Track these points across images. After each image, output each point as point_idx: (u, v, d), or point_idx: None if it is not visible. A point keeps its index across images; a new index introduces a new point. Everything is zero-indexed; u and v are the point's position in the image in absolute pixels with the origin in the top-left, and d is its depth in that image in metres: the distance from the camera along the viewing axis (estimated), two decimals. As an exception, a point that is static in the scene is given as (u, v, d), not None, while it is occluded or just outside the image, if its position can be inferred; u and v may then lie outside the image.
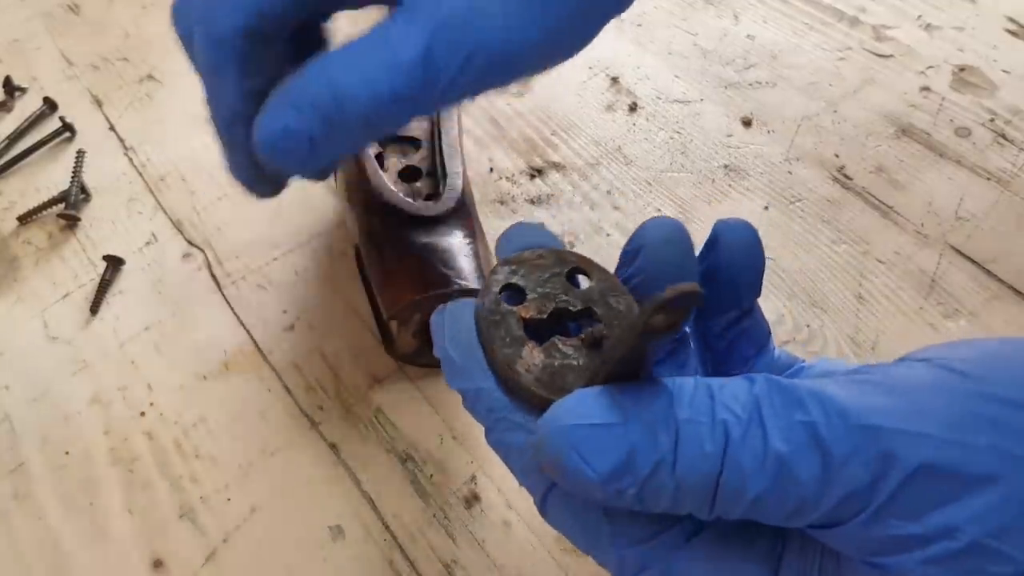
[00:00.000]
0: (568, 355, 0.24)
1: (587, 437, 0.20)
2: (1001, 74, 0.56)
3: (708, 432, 0.20)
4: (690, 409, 0.20)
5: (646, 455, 0.20)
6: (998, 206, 0.49)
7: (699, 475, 0.20)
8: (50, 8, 0.63)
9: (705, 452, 0.20)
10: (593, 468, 0.20)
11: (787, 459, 0.19)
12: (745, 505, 0.20)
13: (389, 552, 0.37)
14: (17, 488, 0.40)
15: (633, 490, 0.20)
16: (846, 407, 0.19)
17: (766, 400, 0.20)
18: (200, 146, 0.54)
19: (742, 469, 0.19)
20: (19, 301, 0.47)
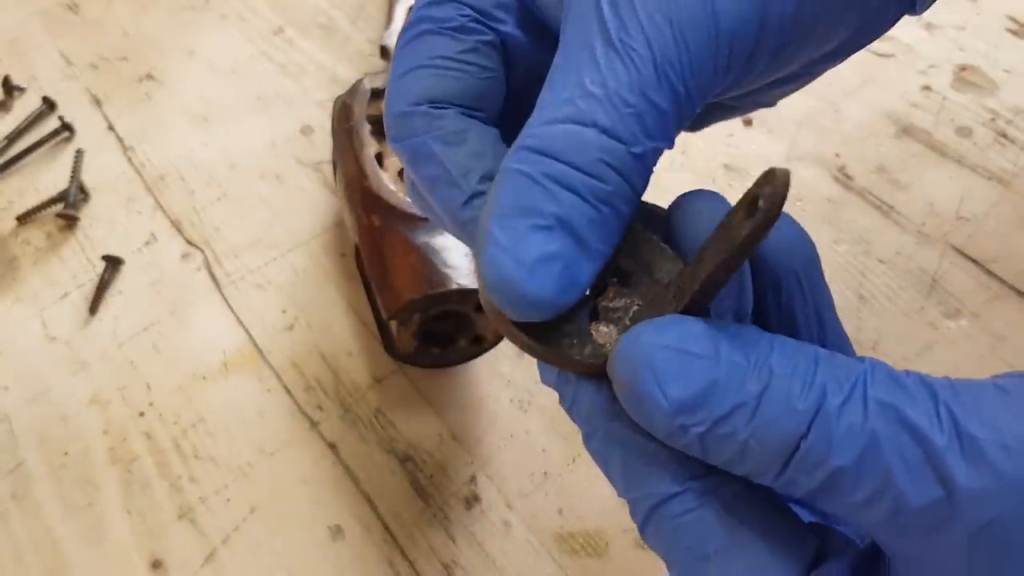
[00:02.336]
0: (630, 305, 0.22)
1: (668, 361, 0.19)
2: (1002, 73, 0.56)
3: (802, 389, 0.18)
4: (789, 364, 0.18)
5: (727, 394, 0.18)
6: (999, 206, 0.49)
7: (780, 431, 0.18)
8: (49, 7, 0.63)
9: (795, 408, 0.18)
10: (667, 395, 0.18)
11: (883, 443, 0.17)
12: (823, 477, 0.18)
13: (389, 552, 0.37)
14: (16, 488, 0.40)
15: (700, 428, 0.18)
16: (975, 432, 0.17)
17: (873, 380, 0.18)
18: (199, 146, 0.54)
19: (831, 439, 0.17)
20: (18, 301, 0.47)
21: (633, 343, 0.19)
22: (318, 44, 0.60)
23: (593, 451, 0.22)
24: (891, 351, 0.43)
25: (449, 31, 0.23)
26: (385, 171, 0.43)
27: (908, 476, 0.17)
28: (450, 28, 0.23)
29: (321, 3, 0.63)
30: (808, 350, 0.19)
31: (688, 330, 0.19)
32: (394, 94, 0.24)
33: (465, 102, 0.23)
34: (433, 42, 0.23)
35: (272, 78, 0.58)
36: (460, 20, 0.23)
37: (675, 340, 0.19)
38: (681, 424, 0.19)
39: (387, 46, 0.51)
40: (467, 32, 0.24)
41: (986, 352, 0.43)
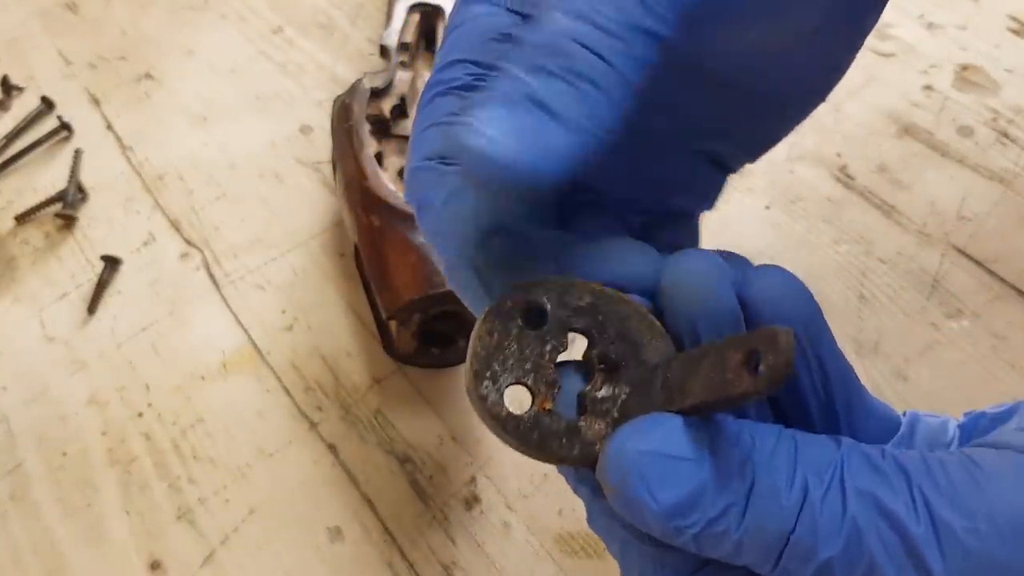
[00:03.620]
0: (618, 395, 0.22)
1: (656, 466, 0.19)
2: (1003, 73, 0.56)
3: (786, 484, 0.19)
4: (771, 459, 0.19)
5: (716, 497, 0.19)
6: (1000, 206, 0.49)
7: (770, 528, 0.19)
8: (48, 7, 0.63)
9: (781, 505, 0.19)
10: (657, 500, 0.19)
11: (864, 531, 0.18)
12: (814, 567, 0.19)
13: (388, 554, 0.37)
14: (14, 489, 0.39)
15: (694, 530, 0.19)
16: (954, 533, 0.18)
17: (849, 467, 0.19)
18: (198, 145, 0.54)
19: (816, 531, 0.18)
20: (16, 301, 0.46)
21: (619, 451, 0.20)
22: (317, 44, 0.60)
23: (596, 530, 0.23)
24: (892, 351, 0.43)
25: (455, 91, 0.24)
26: (385, 171, 0.43)
27: (891, 565, 0.18)
28: (455, 88, 0.24)
29: (320, 2, 0.63)
30: (786, 440, 0.20)
31: (671, 432, 0.20)
32: (410, 152, 0.25)
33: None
34: (442, 103, 0.24)
35: (271, 78, 0.58)
36: (464, 79, 0.24)
37: (659, 444, 0.19)
38: (675, 526, 0.19)
39: (387, 46, 0.51)
40: (471, 90, 0.24)
41: (987, 352, 0.43)
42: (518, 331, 0.23)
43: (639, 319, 0.23)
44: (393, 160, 0.45)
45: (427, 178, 0.24)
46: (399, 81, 0.48)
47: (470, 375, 0.22)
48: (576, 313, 0.23)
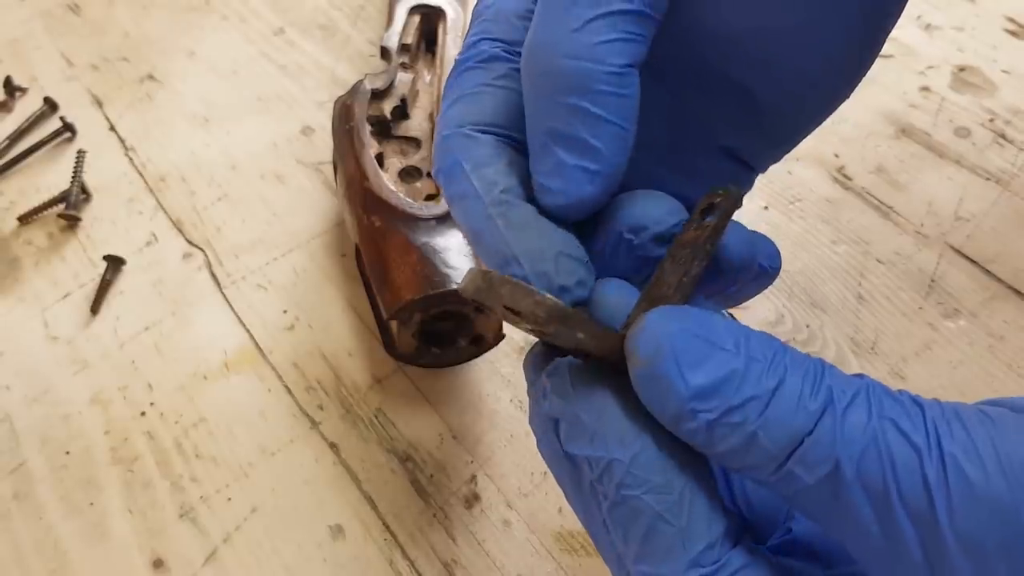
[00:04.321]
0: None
1: (692, 347, 0.19)
2: (1001, 74, 0.56)
3: (812, 390, 0.19)
4: (801, 365, 0.19)
5: (742, 386, 0.19)
6: (998, 206, 0.49)
7: (789, 426, 0.19)
8: (50, 8, 0.63)
9: (805, 406, 0.19)
10: (686, 379, 0.19)
11: (882, 446, 0.18)
12: (821, 474, 0.18)
13: (389, 552, 0.37)
14: (17, 488, 0.40)
15: (711, 416, 0.19)
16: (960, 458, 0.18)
17: (872, 391, 0.19)
18: (200, 146, 0.54)
19: (835, 436, 0.18)
20: (20, 301, 0.47)
21: (656, 322, 0.20)
22: (319, 45, 0.60)
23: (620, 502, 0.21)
24: (890, 351, 0.43)
25: (482, 63, 0.25)
26: (385, 172, 0.43)
27: (903, 483, 0.18)
28: (482, 60, 0.25)
29: (321, 4, 0.64)
30: (815, 359, 0.20)
31: (712, 320, 0.20)
32: (439, 126, 0.25)
33: (500, 122, 0.25)
34: (471, 75, 0.25)
35: (273, 79, 0.58)
36: (490, 52, 0.25)
37: (700, 328, 0.20)
38: (692, 408, 0.19)
39: (387, 47, 0.51)
40: (498, 60, 0.25)
41: (985, 352, 0.43)
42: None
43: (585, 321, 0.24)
44: (394, 161, 0.45)
45: (457, 143, 0.24)
46: (400, 82, 0.48)
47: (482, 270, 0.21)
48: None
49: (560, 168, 0.22)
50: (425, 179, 0.44)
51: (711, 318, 0.20)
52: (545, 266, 0.22)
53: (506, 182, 0.24)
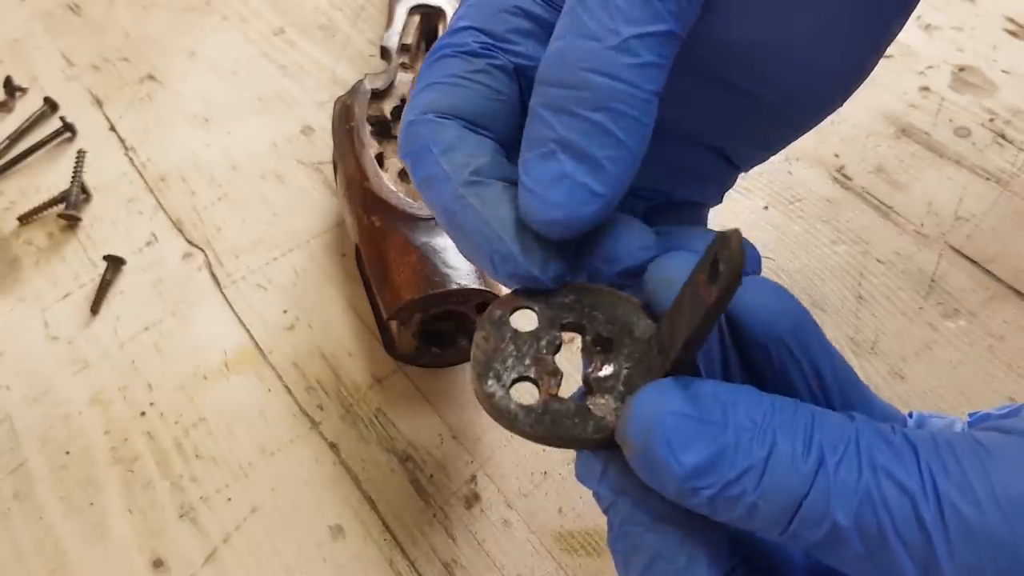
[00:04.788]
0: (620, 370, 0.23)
1: (680, 428, 0.19)
2: (1001, 74, 0.56)
3: (803, 451, 0.19)
4: (790, 427, 0.20)
5: (736, 459, 0.19)
6: (997, 206, 0.49)
7: (785, 492, 0.19)
8: (51, 8, 0.63)
9: (798, 470, 0.19)
10: (679, 461, 0.19)
11: (876, 499, 0.19)
12: (825, 530, 0.19)
13: (389, 552, 0.37)
14: (17, 488, 0.40)
15: (711, 492, 0.19)
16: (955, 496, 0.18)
17: (863, 439, 0.19)
18: (200, 146, 0.54)
19: (829, 496, 0.19)
20: (20, 301, 0.47)
21: (643, 409, 0.20)
22: (319, 45, 0.60)
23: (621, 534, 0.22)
24: (890, 351, 0.43)
25: (461, 54, 0.25)
26: (385, 171, 0.43)
27: (900, 534, 0.18)
28: (462, 51, 0.25)
29: (322, 4, 0.64)
30: (804, 411, 0.20)
31: (695, 394, 0.20)
32: (407, 110, 0.25)
33: (469, 116, 0.24)
34: (447, 63, 0.25)
35: (273, 79, 0.58)
36: (472, 45, 0.25)
37: (683, 405, 0.20)
38: (692, 487, 0.19)
39: (387, 47, 0.51)
40: (477, 55, 0.25)
41: (984, 352, 0.43)
42: (512, 334, 0.23)
43: (625, 303, 0.23)
44: (394, 161, 0.45)
45: (425, 128, 0.24)
46: (400, 82, 0.48)
47: (474, 378, 0.22)
48: (564, 309, 0.23)
49: (563, 181, 0.22)
50: (425, 179, 0.44)
51: (697, 390, 0.20)
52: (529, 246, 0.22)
53: (476, 163, 0.23)
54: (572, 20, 0.22)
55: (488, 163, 0.23)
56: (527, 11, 0.25)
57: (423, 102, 0.24)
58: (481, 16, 0.25)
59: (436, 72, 0.25)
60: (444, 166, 0.23)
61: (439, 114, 0.24)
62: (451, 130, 0.24)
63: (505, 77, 0.25)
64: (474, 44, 0.25)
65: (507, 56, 0.25)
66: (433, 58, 0.25)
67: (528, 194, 0.22)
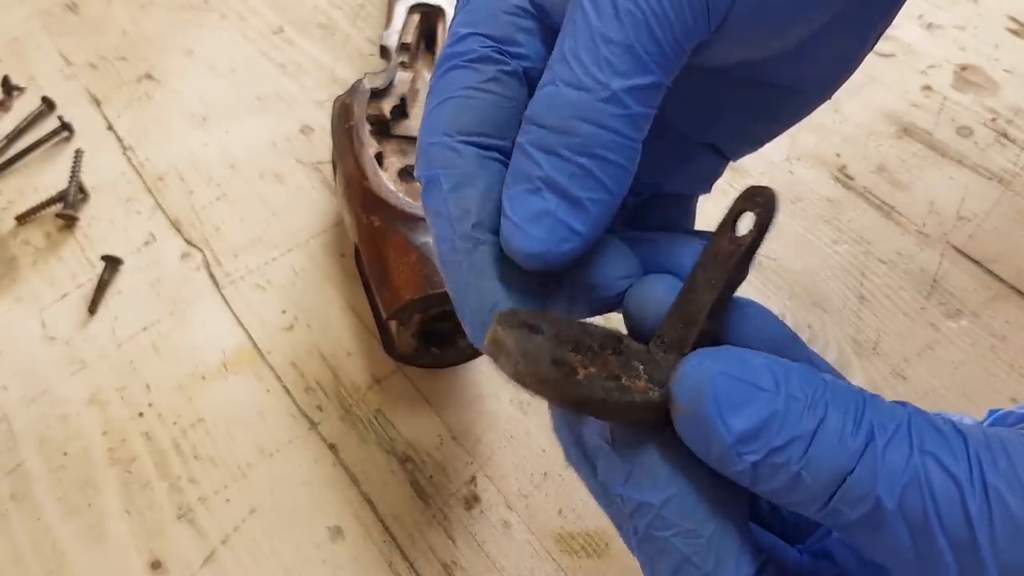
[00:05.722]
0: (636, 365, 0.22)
1: (732, 391, 0.19)
2: (1003, 73, 0.56)
3: (853, 427, 0.19)
4: (842, 401, 0.19)
5: (784, 427, 0.19)
6: (999, 206, 0.49)
7: (831, 465, 0.19)
8: (48, 7, 0.63)
9: (846, 445, 0.19)
10: (728, 425, 0.19)
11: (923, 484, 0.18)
12: (864, 511, 0.19)
13: (388, 553, 0.37)
14: (15, 489, 0.39)
15: (755, 457, 0.19)
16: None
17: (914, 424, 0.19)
18: (198, 146, 0.54)
19: (875, 475, 0.19)
20: (17, 301, 0.46)
21: (696, 368, 0.20)
22: (318, 44, 0.60)
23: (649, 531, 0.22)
24: (892, 351, 0.43)
25: (470, 63, 0.25)
26: (385, 171, 0.43)
27: (944, 521, 0.18)
28: (471, 60, 0.25)
29: (321, 3, 0.63)
30: (856, 391, 0.20)
31: (750, 361, 0.20)
32: (423, 128, 0.25)
33: (487, 131, 0.24)
34: (457, 76, 0.25)
35: (272, 78, 0.58)
36: (480, 51, 0.25)
37: (738, 369, 0.20)
38: (736, 451, 0.19)
39: (387, 46, 0.51)
40: (487, 62, 0.25)
41: (986, 352, 0.43)
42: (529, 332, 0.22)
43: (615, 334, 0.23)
44: (393, 160, 0.45)
45: (441, 155, 0.24)
46: (399, 81, 0.48)
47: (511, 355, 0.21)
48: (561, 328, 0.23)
49: (545, 217, 0.22)
50: (425, 178, 0.44)
51: (750, 357, 0.20)
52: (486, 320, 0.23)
53: (479, 213, 0.24)
54: (563, 68, 0.22)
55: (491, 212, 0.24)
56: (526, 9, 0.25)
57: (440, 121, 0.24)
58: (483, 22, 0.25)
59: (449, 86, 0.25)
60: (450, 206, 0.24)
61: (460, 137, 0.24)
62: (467, 160, 0.24)
63: (515, 82, 0.25)
64: (481, 51, 0.25)
65: (515, 61, 0.25)
66: (443, 69, 0.25)
67: (511, 227, 0.22)
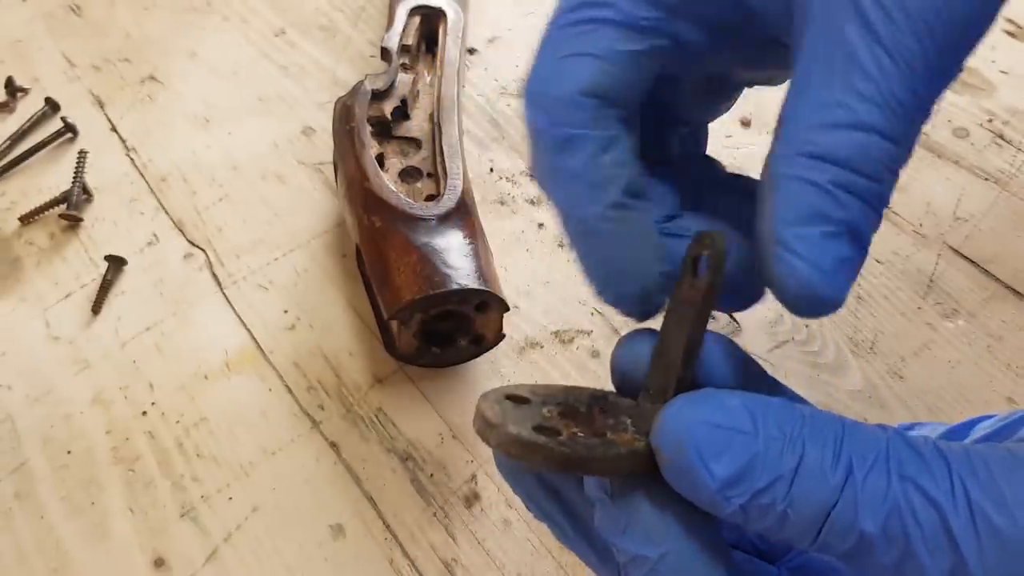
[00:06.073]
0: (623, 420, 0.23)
1: (711, 437, 0.20)
2: (999, 75, 0.56)
3: (833, 459, 0.19)
4: (820, 435, 0.20)
5: (765, 469, 0.19)
6: (996, 206, 0.49)
7: (814, 502, 0.19)
8: (52, 9, 0.63)
9: (827, 481, 0.19)
10: (711, 472, 0.19)
11: (903, 512, 0.19)
12: (853, 541, 0.19)
13: (389, 551, 0.38)
14: (19, 488, 0.40)
15: (742, 500, 0.19)
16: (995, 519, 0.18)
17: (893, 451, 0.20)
18: (201, 147, 0.54)
19: (856, 507, 0.19)
20: (21, 301, 0.47)
21: (674, 418, 0.20)
22: (319, 46, 0.61)
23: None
24: (889, 351, 0.43)
25: (629, 28, 0.23)
26: (386, 172, 0.43)
27: (927, 546, 0.18)
28: (632, 25, 0.23)
29: (322, 5, 0.64)
30: (835, 421, 0.20)
31: (725, 403, 0.20)
32: (554, 73, 0.23)
33: (624, 103, 0.23)
34: (609, 33, 0.23)
35: (273, 79, 0.58)
36: (644, 20, 0.23)
37: (714, 415, 0.20)
38: (724, 496, 0.20)
39: (388, 48, 0.51)
40: (648, 33, 0.23)
41: (983, 352, 0.43)
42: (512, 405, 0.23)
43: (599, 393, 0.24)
44: (394, 161, 0.45)
45: (580, 116, 0.23)
46: (400, 83, 0.48)
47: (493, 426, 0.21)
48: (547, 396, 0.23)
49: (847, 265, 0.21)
50: (425, 179, 0.44)
51: (726, 399, 0.20)
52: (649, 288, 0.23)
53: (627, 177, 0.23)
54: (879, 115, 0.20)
55: (633, 178, 0.23)
56: None
57: (583, 76, 0.22)
58: None
59: (596, 39, 0.22)
60: (595, 171, 0.22)
61: (601, 98, 0.23)
62: (609, 126, 0.23)
63: (661, 57, 0.23)
64: (643, 19, 0.23)
65: (673, 39, 0.23)
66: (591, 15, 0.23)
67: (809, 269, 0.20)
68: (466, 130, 0.54)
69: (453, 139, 0.45)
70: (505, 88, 0.57)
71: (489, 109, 0.56)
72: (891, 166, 0.21)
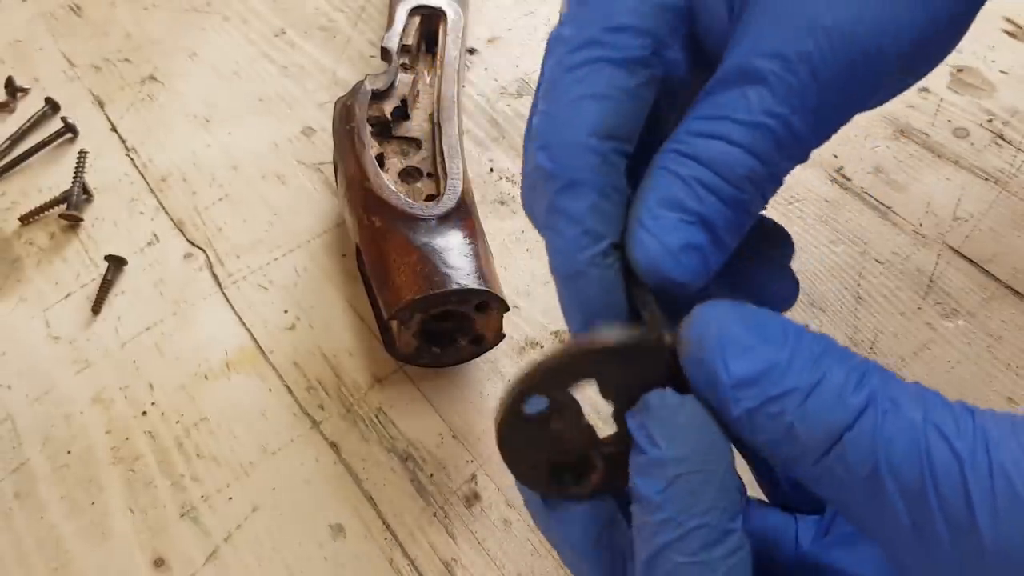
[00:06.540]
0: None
1: (738, 335, 0.20)
2: (999, 75, 0.56)
3: (855, 388, 0.19)
4: (848, 363, 0.19)
5: (783, 378, 0.19)
6: (996, 206, 0.49)
7: (826, 420, 0.19)
8: (52, 9, 0.63)
9: (845, 401, 0.19)
10: (728, 368, 0.20)
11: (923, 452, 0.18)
12: (864, 472, 0.19)
13: (389, 551, 0.38)
14: (19, 487, 0.40)
15: (750, 404, 0.19)
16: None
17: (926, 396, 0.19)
18: (201, 147, 0.54)
19: (875, 435, 0.18)
20: (21, 301, 0.47)
21: (708, 311, 0.20)
22: (319, 46, 0.61)
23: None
24: (888, 351, 0.43)
25: (628, 64, 0.24)
26: (386, 172, 0.43)
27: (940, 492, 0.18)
28: (630, 60, 0.24)
29: (322, 5, 0.64)
30: (869, 361, 0.20)
31: (763, 314, 0.20)
32: (567, 117, 0.24)
33: (629, 136, 0.24)
34: (611, 73, 0.23)
35: (274, 80, 0.58)
36: (640, 53, 0.24)
37: (747, 317, 0.20)
38: (735, 396, 0.20)
39: (388, 48, 0.51)
40: (645, 65, 0.24)
41: (983, 352, 0.43)
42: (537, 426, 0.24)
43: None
44: (394, 161, 0.45)
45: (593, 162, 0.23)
46: (400, 83, 0.48)
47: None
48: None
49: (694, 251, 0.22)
50: (425, 179, 0.45)
51: (764, 313, 0.20)
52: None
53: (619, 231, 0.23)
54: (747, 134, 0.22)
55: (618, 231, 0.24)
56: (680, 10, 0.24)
57: (587, 119, 0.23)
58: (638, 11, 0.24)
59: (600, 80, 0.23)
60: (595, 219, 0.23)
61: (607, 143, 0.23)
62: (613, 171, 0.23)
63: (659, 87, 0.24)
64: (642, 52, 0.24)
65: (664, 67, 0.24)
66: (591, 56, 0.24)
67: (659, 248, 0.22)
68: (466, 130, 0.54)
69: (453, 139, 0.45)
70: (505, 88, 0.57)
71: (489, 109, 0.56)
72: (753, 179, 0.22)
